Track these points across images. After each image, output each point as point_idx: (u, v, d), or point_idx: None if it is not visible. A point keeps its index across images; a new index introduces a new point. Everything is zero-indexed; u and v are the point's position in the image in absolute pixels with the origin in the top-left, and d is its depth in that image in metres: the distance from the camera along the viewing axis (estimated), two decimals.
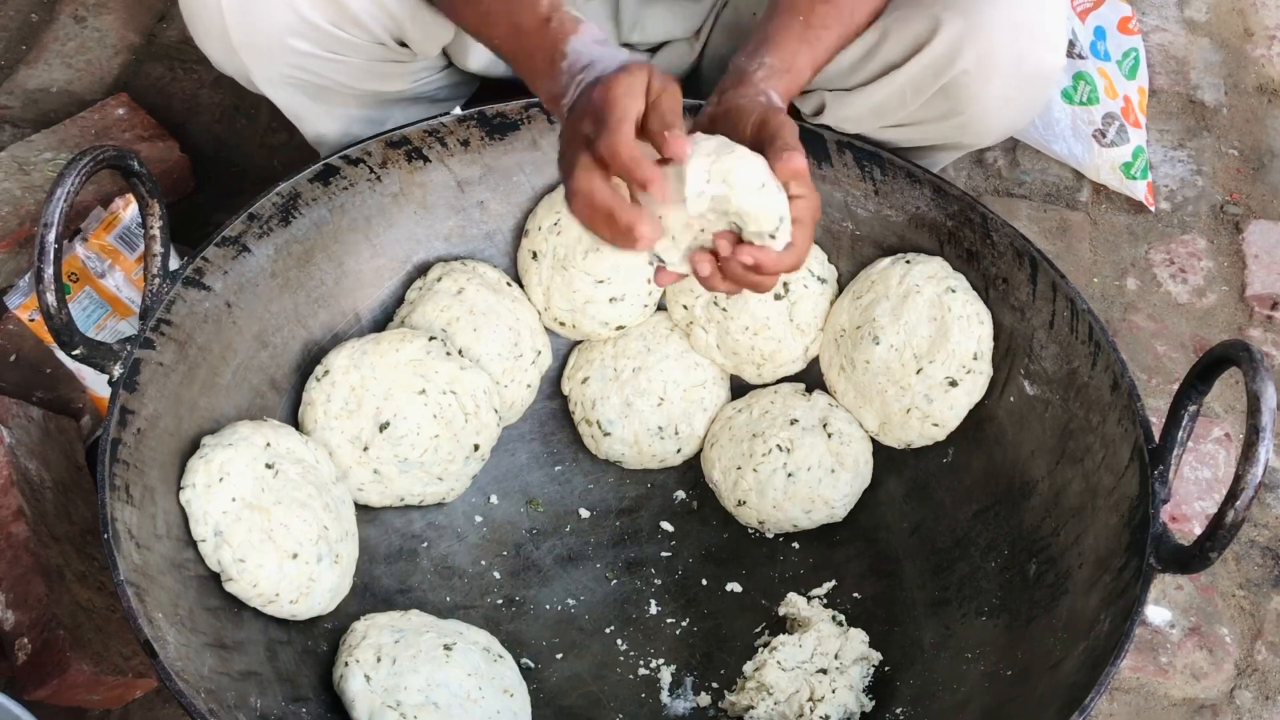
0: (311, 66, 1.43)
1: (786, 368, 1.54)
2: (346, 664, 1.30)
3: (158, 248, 1.31)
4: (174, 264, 1.36)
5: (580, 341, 1.58)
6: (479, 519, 1.52)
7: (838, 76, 1.46)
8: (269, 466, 1.32)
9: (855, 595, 1.47)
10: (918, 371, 1.44)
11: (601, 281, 1.51)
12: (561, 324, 1.55)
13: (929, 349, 1.43)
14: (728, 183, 1.10)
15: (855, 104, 1.46)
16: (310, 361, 1.46)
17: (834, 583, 1.47)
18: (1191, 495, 1.67)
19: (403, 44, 1.46)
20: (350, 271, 1.50)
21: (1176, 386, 1.24)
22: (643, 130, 1.11)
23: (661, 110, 1.11)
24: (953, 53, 1.35)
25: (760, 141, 1.16)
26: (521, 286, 1.55)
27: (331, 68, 1.44)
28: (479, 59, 1.55)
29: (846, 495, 1.49)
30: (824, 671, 1.37)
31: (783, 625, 1.45)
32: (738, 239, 1.14)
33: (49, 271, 1.20)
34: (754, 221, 1.12)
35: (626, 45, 1.57)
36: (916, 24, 1.36)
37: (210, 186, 1.87)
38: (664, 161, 1.11)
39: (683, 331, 1.55)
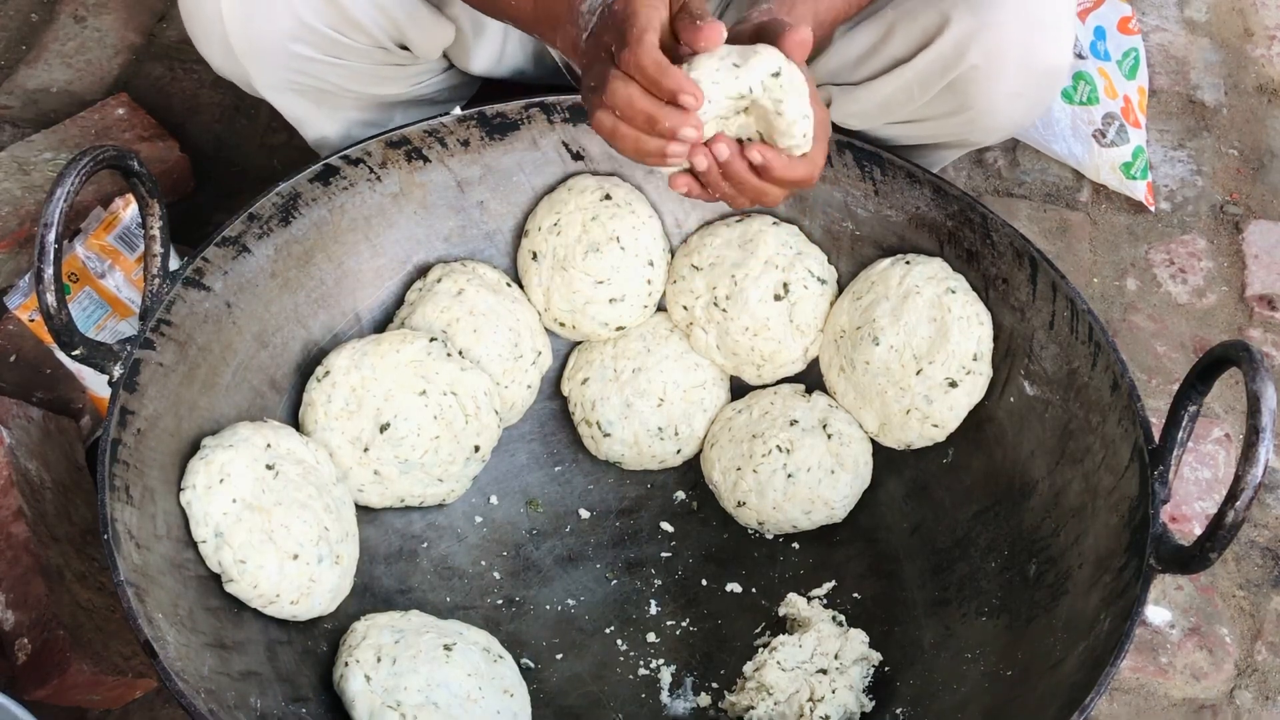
0: (312, 71, 1.43)
1: (786, 369, 1.54)
2: (346, 664, 1.30)
3: (158, 248, 1.31)
4: (174, 264, 1.36)
5: (580, 342, 1.58)
6: (479, 519, 1.52)
7: (844, 71, 1.46)
8: (269, 467, 1.32)
9: (855, 595, 1.47)
10: (917, 372, 1.44)
11: (601, 282, 1.51)
12: (561, 324, 1.55)
13: (929, 350, 1.43)
14: (766, 82, 1.12)
15: (862, 99, 1.46)
16: (310, 362, 1.46)
17: (834, 583, 1.47)
18: (1191, 495, 1.67)
19: (403, 47, 1.45)
20: (350, 272, 1.50)
21: (1176, 386, 1.24)
22: (675, 36, 1.12)
23: (689, 6, 1.12)
24: (961, 48, 1.35)
25: (762, 37, 1.17)
26: (521, 287, 1.55)
27: (332, 72, 1.44)
28: (481, 61, 1.55)
29: (846, 496, 1.49)
30: (824, 672, 1.37)
31: (783, 625, 1.45)
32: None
33: (49, 271, 1.20)
34: (783, 123, 1.13)
35: None
36: (925, 19, 1.36)
37: (210, 186, 1.87)
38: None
39: (682, 332, 1.55)
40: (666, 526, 1.54)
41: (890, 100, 1.43)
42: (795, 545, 1.52)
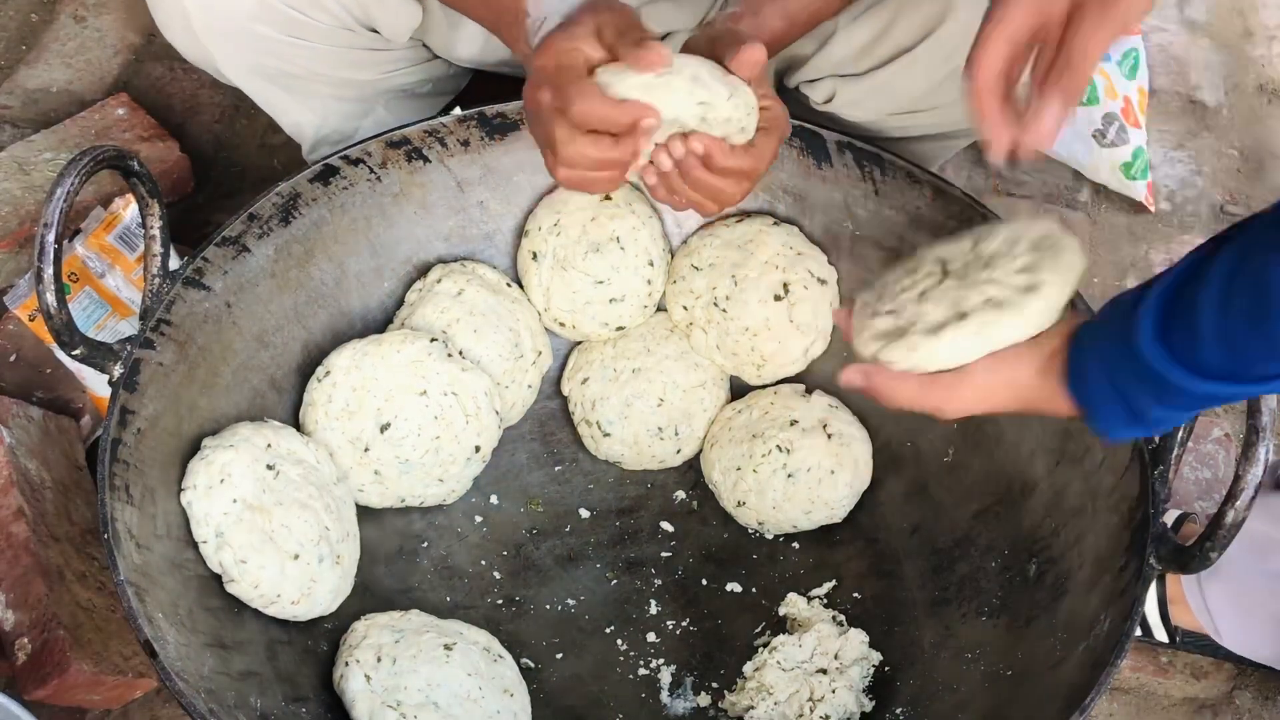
0: (279, 53, 1.42)
1: (786, 369, 1.54)
2: (346, 664, 1.30)
3: (158, 248, 1.31)
4: (174, 264, 1.36)
5: (580, 342, 1.58)
6: (479, 519, 1.52)
7: (848, 61, 1.46)
8: (270, 468, 1.32)
9: (855, 595, 1.47)
10: None
11: (601, 282, 1.51)
12: (561, 324, 1.55)
13: None
14: (695, 90, 1.14)
15: (866, 89, 1.46)
16: (310, 362, 1.46)
17: (834, 583, 1.47)
18: (1191, 495, 1.67)
19: (373, 30, 1.45)
20: (350, 272, 1.50)
21: None
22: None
23: (630, 32, 1.13)
24: (965, 35, 1.34)
25: (715, 54, 1.18)
26: (521, 287, 1.55)
27: (300, 54, 1.43)
28: (467, 48, 1.54)
29: (846, 496, 1.49)
30: (824, 671, 1.37)
31: (783, 625, 1.45)
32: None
33: (49, 271, 1.20)
34: (716, 122, 1.16)
35: None
36: (928, 7, 1.36)
37: (210, 186, 1.87)
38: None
39: (682, 332, 1.55)
40: (666, 526, 1.54)
41: (895, 89, 1.43)
42: (795, 545, 1.52)
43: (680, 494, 1.56)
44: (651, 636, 1.45)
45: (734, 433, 1.52)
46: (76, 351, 1.25)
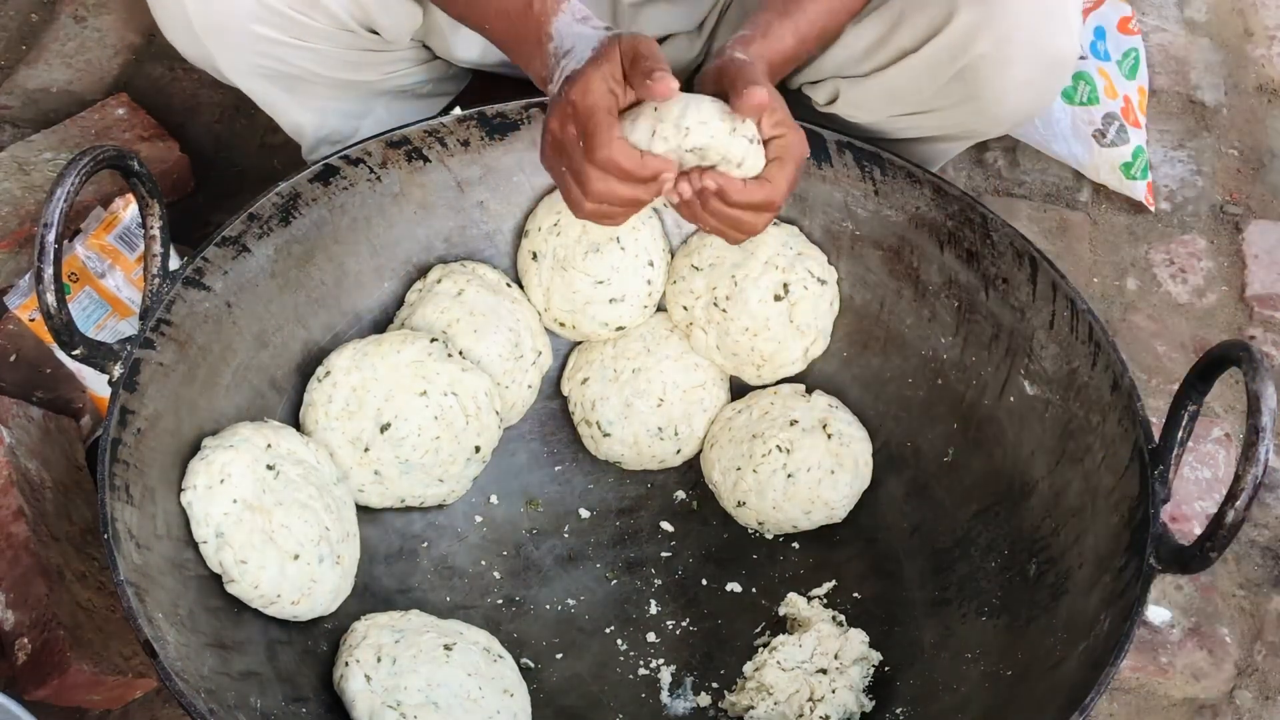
0: (279, 54, 1.42)
1: (786, 369, 1.54)
2: (346, 664, 1.30)
3: (158, 248, 1.31)
4: (174, 264, 1.36)
5: (580, 342, 1.58)
6: (479, 519, 1.52)
7: (851, 63, 1.46)
8: (270, 468, 1.32)
9: (855, 595, 1.47)
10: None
11: (601, 282, 1.51)
12: (561, 325, 1.55)
13: None
14: (681, 127, 1.18)
15: (869, 91, 1.46)
16: (310, 362, 1.46)
17: (834, 583, 1.47)
18: (1191, 495, 1.66)
19: (374, 32, 1.45)
20: (350, 272, 1.50)
21: (1176, 386, 1.24)
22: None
23: (641, 63, 1.16)
24: (970, 36, 1.35)
25: (721, 89, 1.21)
26: (521, 287, 1.55)
27: (300, 55, 1.43)
28: (468, 50, 1.55)
29: (846, 496, 1.49)
30: (824, 671, 1.37)
31: (783, 625, 1.45)
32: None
33: (49, 271, 1.20)
34: (721, 159, 1.19)
35: None
36: (933, 8, 1.36)
37: (210, 186, 1.87)
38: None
39: (682, 333, 1.55)
40: (666, 526, 1.54)
41: (898, 91, 1.43)
42: (795, 545, 1.52)
43: (680, 494, 1.56)
44: (651, 636, 1.45)
45: (734, 433, 1.52)
46: (76, 351, 1.25)
